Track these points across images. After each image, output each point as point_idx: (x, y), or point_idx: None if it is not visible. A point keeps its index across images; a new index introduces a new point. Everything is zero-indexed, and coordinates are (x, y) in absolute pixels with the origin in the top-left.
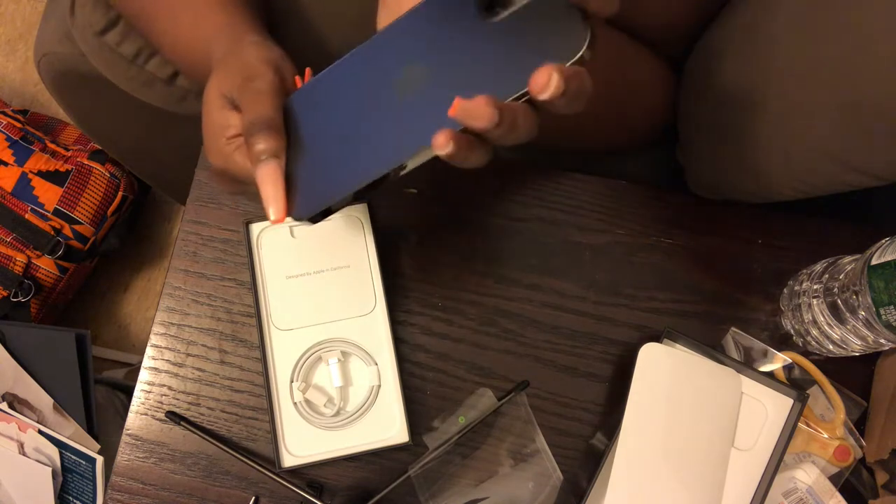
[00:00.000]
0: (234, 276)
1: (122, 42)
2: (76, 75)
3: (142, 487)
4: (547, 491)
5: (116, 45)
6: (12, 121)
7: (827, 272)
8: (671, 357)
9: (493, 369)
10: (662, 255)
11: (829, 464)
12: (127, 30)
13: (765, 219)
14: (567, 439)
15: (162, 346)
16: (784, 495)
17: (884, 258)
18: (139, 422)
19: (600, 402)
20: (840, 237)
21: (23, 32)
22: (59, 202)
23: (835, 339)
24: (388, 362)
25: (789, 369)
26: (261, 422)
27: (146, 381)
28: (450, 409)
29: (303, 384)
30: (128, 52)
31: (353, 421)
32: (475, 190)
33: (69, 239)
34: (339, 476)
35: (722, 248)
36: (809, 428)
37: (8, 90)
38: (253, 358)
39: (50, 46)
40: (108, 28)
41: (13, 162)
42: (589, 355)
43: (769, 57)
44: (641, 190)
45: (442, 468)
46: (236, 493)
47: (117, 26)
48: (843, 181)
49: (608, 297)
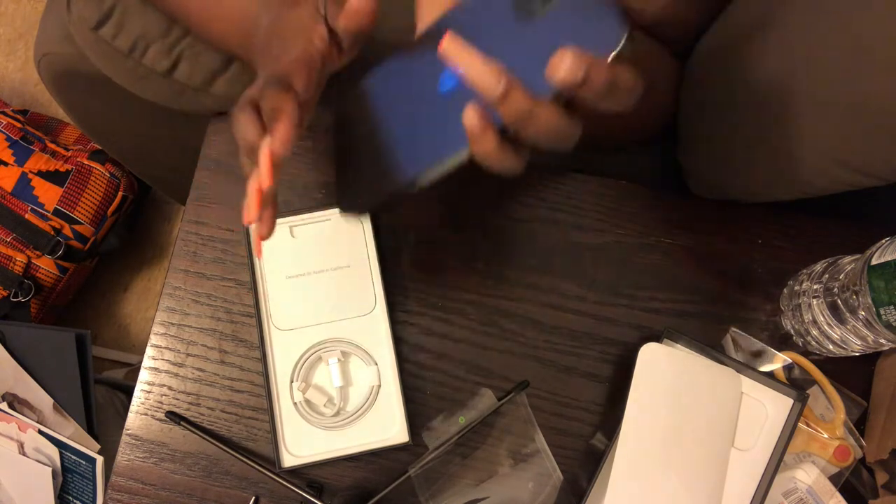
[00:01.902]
0: (234, 276)
1: (117, 35)
2: (76, 75)
3: (142, 487)
4: (547, 491)
5: (112, 38)
6: (12, 121)
7: (827, 272)
8: (671, 357)
9: (493, 369)
10: (662, 255)
11: (829, 464)
12: (121, 23)
13: (765, 219)
14: (567, 439)
15: (162, 346)
16: (784, 495)
17: (884, 258)
18: (139, 422)
19: (600, 402)
20: (840, 237)
21: (23, 32)
22: (59, 202)
23: (835, 339)
24: (388, 362)
25: (789, 369)
26: (261, 422)
27: (146, 381)
28: (450, 410)
29: (303, 384)
30: (123, 46)
31: (353, 421)
32: (475, 190)
33: (69, 239)
34: (339, 476)
35: (722, 248)
36: (809, 428)
37: (8, 90)
38: (253, 358)
39: (50, 46)
40: (103, 21)
41: (13, 162)
42: (589, 355)
43: (769, 57)
44: (641, 190)
45: (442, 468)
46: (236, 493)
47: (111, 19)
48: (844, 181)
49: (608, 297)
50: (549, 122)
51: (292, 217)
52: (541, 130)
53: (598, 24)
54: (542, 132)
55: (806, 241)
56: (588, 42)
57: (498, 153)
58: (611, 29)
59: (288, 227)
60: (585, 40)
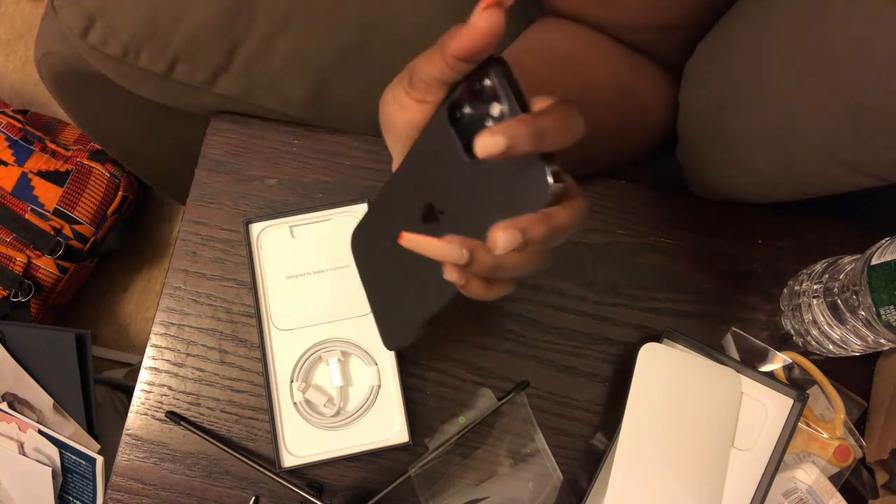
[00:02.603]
0: (234, 276)
1: (106, 41)
2: (76, 75)
3: (142, 487)
4: (547, 491)
5: (101, 45)
6: (12, 121)
7: (827, 272)
8: (671, 357)
9: (493, 369)
10: (662, 255)
11: (829, 464)
12: (107, 26)
13: (765, 219)
14: (567, 439)
15: (162, 346)
16: (784, 495)
17: (884, 258)
18: (139, 422)
19: (600, 402)
20: (840, 237)
21: (23, 32)
22: (59, 202)
23: (835, 339)
24: (388, 362)
25: (789, 369)
26: (261, 422)
27: (146, 381)
28: (451, 412)
29: (303, 384)
30: (114, 51)
31: (353, 421)
32: None
33: (69, 239)
34: (339, 476)
35: (722, 248)
36: (809, 428)
37: (8, 90)
38: (253, 358)
39: (50, 46)
40: (88, 28)
41: (13, 162)
42: (589, 355)
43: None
44: (641, 190)
45: (442, 468)
46: (236, 493)
47: (96, 25)
48: (844, 181)
49: (608, 297)
50: (519, 261)
51: (292, 217)
52: (514, 269)
53: (526, 175)
54: (516, 270)
55: (806, 241)
56: (517, 192)
57: (488, 291)
58: (538, 182)
59: (288, 227)
60: (514, 190)
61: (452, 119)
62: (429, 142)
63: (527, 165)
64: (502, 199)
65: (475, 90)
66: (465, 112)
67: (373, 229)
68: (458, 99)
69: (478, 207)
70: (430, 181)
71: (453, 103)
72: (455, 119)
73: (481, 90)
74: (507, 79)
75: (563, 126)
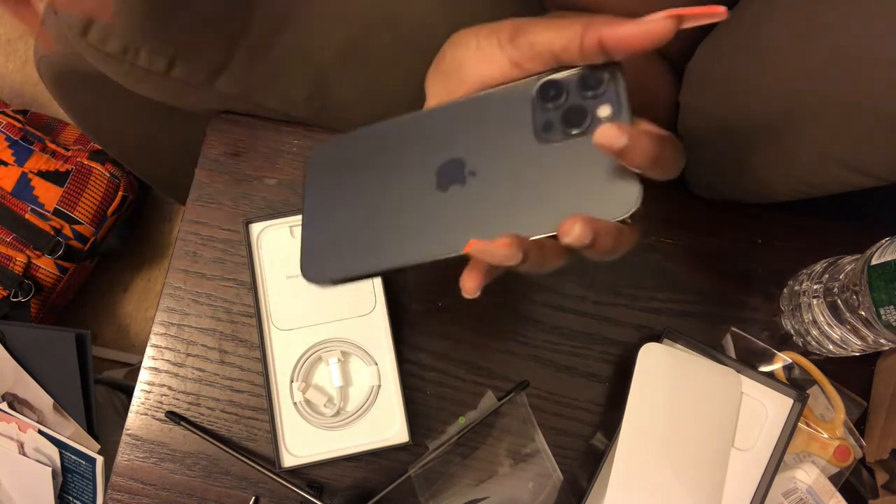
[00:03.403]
0: (234, 276)
1: (105, 40)
2: (76, 75)
3: (142, 487)
4: (547, 491)
5: (101, 43)
6: (12, 121)
7: (827, 272)
8: (671, 357)
9: (493, 369)
10: (662, 255)
11: (829, 464)
12: (108, 27)
13: (765, 219)
14: (567, 439)
15: (162, 346)
16: (784, 495)
17: (884, 258)
18: (139, 422)
19: (600, 402)
20: (840, 237)
21: (23, 32)
22: (59, 202)
23: (835, 339)
24: (388, 362)
25: (789, 369)
26: (261, 422)
27: (146, 381)
28: (451, 412)
29: (303, 384)
30: (114, 50)
31: (353, 421)
32: None
33: (69, 239)
34: (339, 476)
35: (722, 248)
36: (809, 428)
37: (8, 90)
38: (253, 358)
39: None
40: (88, 26)
41: (13, 162)
42: (589, 355)
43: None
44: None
45: (442, 468)
46: (236, 493)
47: (95, 25)
48: (844, 181)
49: (608, 297)
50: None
51: (292, 217)
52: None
53: (613, 180)
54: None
55: (806, 241)
56: (596, 194)
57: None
58: (625, 194)
59: (288, 227)
60: (593, 190)
61: (544, 95)
62: (497, 103)
63: (617, 175)
64: (565, 192)
65: (588, 83)
66: (563, 97)
67: (361, 153)
68: (563, 81)
69: (525, 186)
70: (474, 139)
71: (554, 83)
72: (546, 96)
73: (595, 86)
74: (626, 87)
75: (675, 163)
